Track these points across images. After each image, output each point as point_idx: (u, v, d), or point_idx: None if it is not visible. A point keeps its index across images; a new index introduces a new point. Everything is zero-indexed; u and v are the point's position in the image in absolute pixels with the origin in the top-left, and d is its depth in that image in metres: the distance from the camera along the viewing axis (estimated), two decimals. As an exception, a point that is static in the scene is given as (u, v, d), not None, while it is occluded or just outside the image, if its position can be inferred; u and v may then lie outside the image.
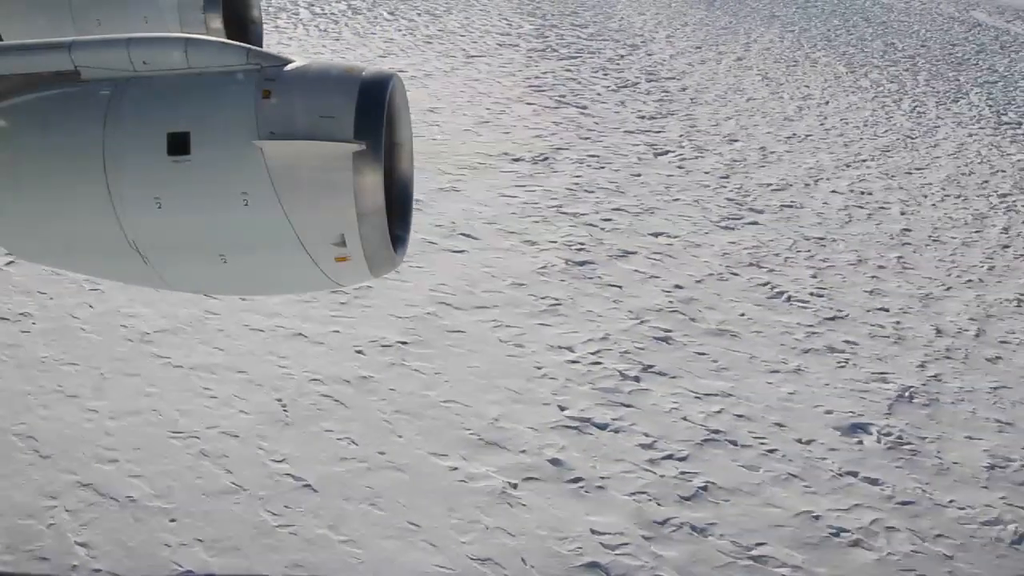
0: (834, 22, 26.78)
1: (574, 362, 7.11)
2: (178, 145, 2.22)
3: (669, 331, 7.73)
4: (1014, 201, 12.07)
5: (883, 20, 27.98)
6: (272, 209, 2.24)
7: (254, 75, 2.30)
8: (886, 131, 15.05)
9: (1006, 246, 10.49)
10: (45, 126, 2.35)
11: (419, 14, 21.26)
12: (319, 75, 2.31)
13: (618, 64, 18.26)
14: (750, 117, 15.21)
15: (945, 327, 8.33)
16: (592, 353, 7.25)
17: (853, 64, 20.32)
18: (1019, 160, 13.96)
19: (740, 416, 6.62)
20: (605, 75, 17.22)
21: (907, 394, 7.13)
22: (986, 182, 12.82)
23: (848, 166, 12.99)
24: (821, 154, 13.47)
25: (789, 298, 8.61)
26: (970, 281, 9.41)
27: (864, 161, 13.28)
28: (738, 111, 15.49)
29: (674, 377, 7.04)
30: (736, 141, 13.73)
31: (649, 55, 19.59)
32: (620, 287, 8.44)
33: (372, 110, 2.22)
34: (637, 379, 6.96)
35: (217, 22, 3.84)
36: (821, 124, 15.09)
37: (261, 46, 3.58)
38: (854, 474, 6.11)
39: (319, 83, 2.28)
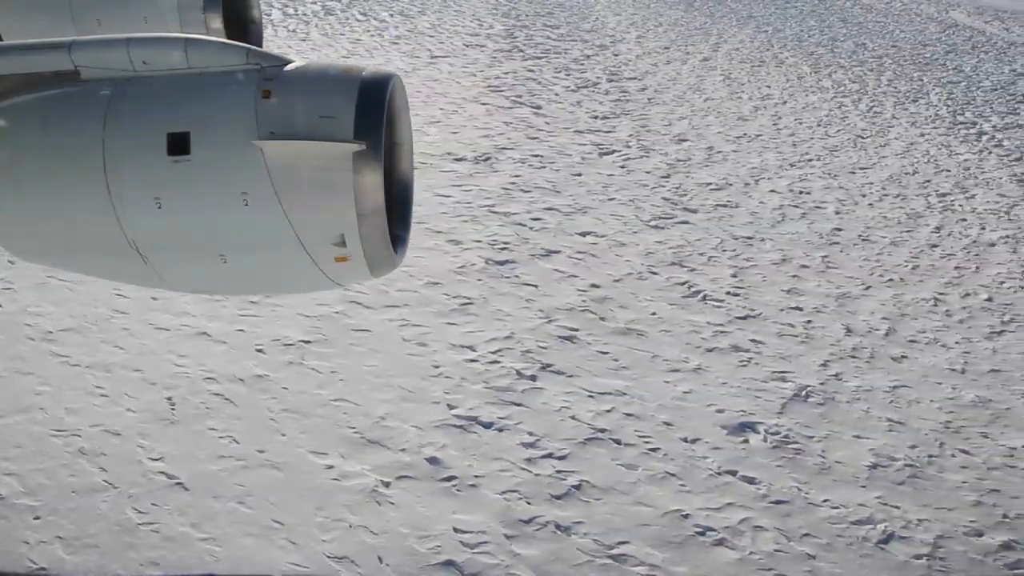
0: (810, 23, 26.64)
1: (473, 361, 7.07)
2: (178, 145, 2.21)
3: (576, 330, 7.69)
4: (952, 200, 11.99)
5: (860, 21, 27.84)
6: (272, 209, 2.22)
7: (254, 75, 2.28)
8: (838, 131, 14.96)
9: (935, 245, 10.41)
10: (45, 126, 2.33)
11: (391, 15, 21.22)
12: (319, 75, 2.29)
13: (582, 64, 18.19)
14: (704, 117, 15.14)
15: (856, 326, 8.28)
16: (493, 352, 7.21)
17: (819, 64, 20.22)
18: (966, 160, 13.87)
19: (629, 415, 6.58)
20: (567, 75, 17.16)
21: (803, 393, 7.07)
22: (928, 181, 12.74)
23: (792, 166, 12.92)
24: (768, 154, 13.40)
25: (704, 297, 8.56)
26: (891, 280, 9.35)
27: (810, 161, 13.21)
28: (693, 111, 15.43)
29: (571, 376, 7.00)
30: (685, 141, 13.67)
31: (615, 55, 19.52)
32: (536, 286, 8.40)
33: (372, 110, 2.20)
34: (533, 378, 6.92)
35: (217, 22, 3.83)
36: (774, 124, 15.01)
37: (261, 46, 3.56)
38: (732, 473, 6.06)
39: (319, 83, 2.27)
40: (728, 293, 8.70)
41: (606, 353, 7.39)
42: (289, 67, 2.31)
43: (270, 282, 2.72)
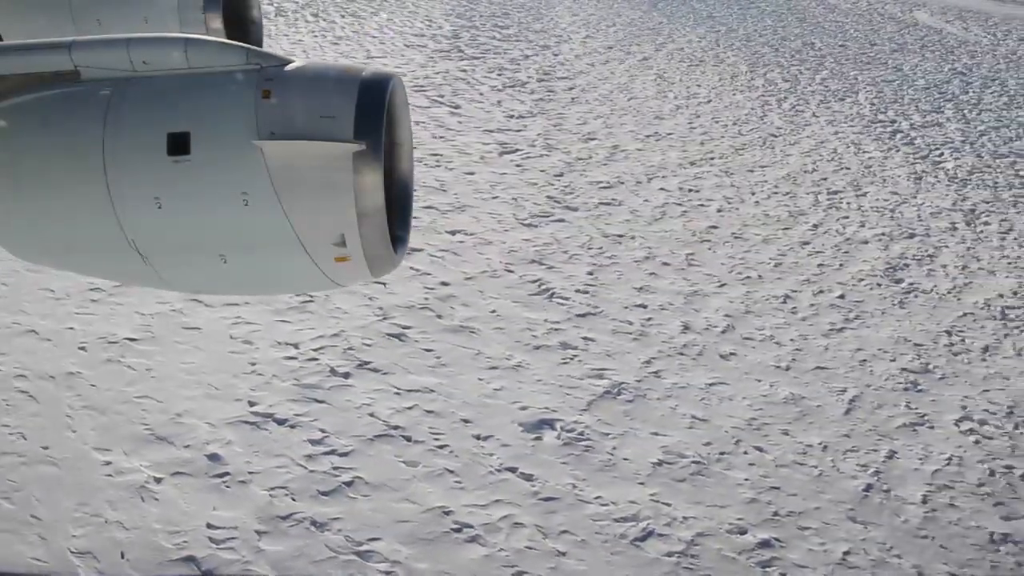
0: (767, 22, 26.41)
1: (291, 359, 7.02)
2: (178, 145, 2.18)
3: (407, 328, 7.63)
4: (842, 198, 11.85)
5: (818, 20, 27.58)
6: (272, 209, 2.19)
7: (254, 75, 2.24)
8: (752, 130, 14.82)
9: (806, 243, 10.29)
10: (45, 126, 2.30)
11: (343, 16, 21.13)
12: (319, 75, 2.25)
13: (518, 64, 18.08)
14: (622, 116, 15.01)
15: (696, 324, 8.18)
16: (314, 350, 7.16)
17: (757, 63, 20.03)
18: (871, 158, 13.71)
19: (430, 412, 6.52)
20: (499, 75, 17.05)
21: (615, 391, 6.99)
22: (824, 179, 12.60)
23: (692, 164, 12.79)
24: (672, 152, 13.27)
25: (552, 295, 8.48)
26: (748, 278, 9.24)
27: (712, 159, 13.08)
28: (613, 111, 15.30)
29: (385, 374, 6.94)
30: (593, 140, 13.56)
31: (555, 55, 19.39)
32: (384, 284, 8.33)
33: (372, 110, 2.17)
34: (346, 375, 6.87)
35: (217, 22, 3.77)
36: (689, 123, 14.87)
37: (261, 46, 3.52)
38: (512, 470, 6.00)
39: (319, 83, 2.23)
40: (577, 291, 8.61)
41: (430, 351, 7.33)
42: (289, 67, 2.27)
43: (270, 282, 2.66)
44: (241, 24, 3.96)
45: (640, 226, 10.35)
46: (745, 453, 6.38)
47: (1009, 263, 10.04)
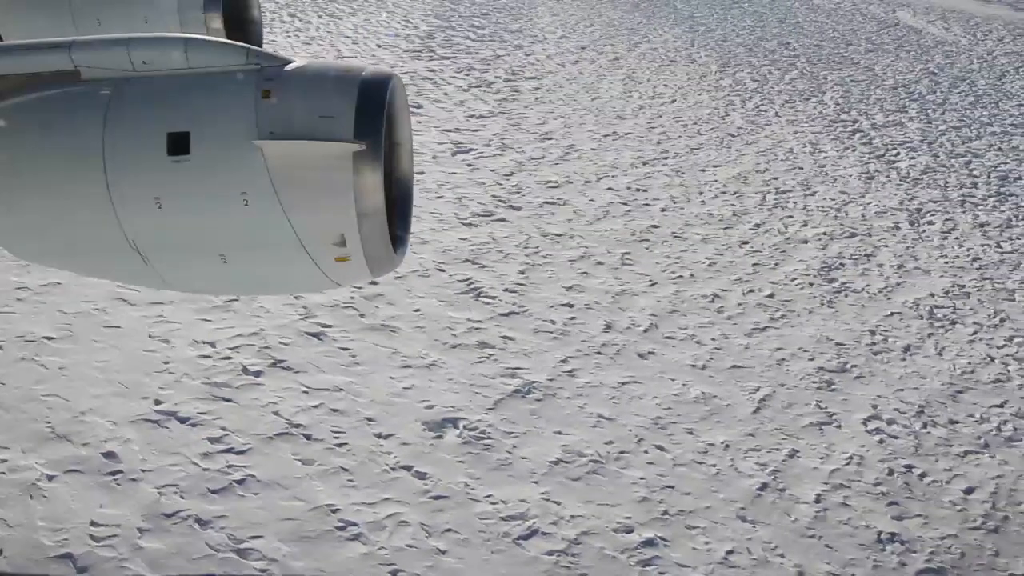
0: (747, 22, 26.30)
1: (206, 357, 7.00)
2: (178, 145, 2.16)
3: (328, 326, 7.60)
4: (789, 198, 11.79)
5: (799, 21, 27.44)
6: (272, 209, 2.17)
7: (254, 75, 2.23)
8: (711, 129, 14.76)
9: (745, 242, 10.24)
10: (45, 126, 2.28)
11: (320, 16, 21.09)
12: (319, 75, 2.24)
13: (488, 65, 18.03)
14: (583, 116, 14.96)
15: (619, 323, 8.15)
16: (231, 349, 7.14)
17: (728, 63, 19.95)
18: (826, 158, 13.64)
19: (335, 411, 6.49)
20: (466, 75, 17.00)
21: (526, 389, 6.96)
22: (775, 179, 12.54)
23: (645, 163, 12.74)
24: (627, 152, 13.22)
25: (479, 294, 8.45)
26: (680, 277, 9.20)
27: (665, 159, 13.03)
28: (575, 111, 15.25)
29: (298, 372, 6.92)
30: (549, 140, 13.51)
31: (527, 55, 19.33)
32: (312, 283, 8.29)
33: (372, 110, 2.16)
34: (258, 374, 6.85)
35: (217, 22, 3.76)
36: (649, 123, 14.82)
37: (261, 46, 3.52)
38: (408, 468, 5.98)
39: (319, 83, 2.22)
40: (506, 290, 8.58)
41: (347, 349, 7.30)
42: (289, 67, 2.25)
43: (270, 282, 2.65)
44: (241, 24, 3.95)
45: (580, 225, 10.31)
46: (645, 452, 6.34)
47: (946, 262, 9.97)
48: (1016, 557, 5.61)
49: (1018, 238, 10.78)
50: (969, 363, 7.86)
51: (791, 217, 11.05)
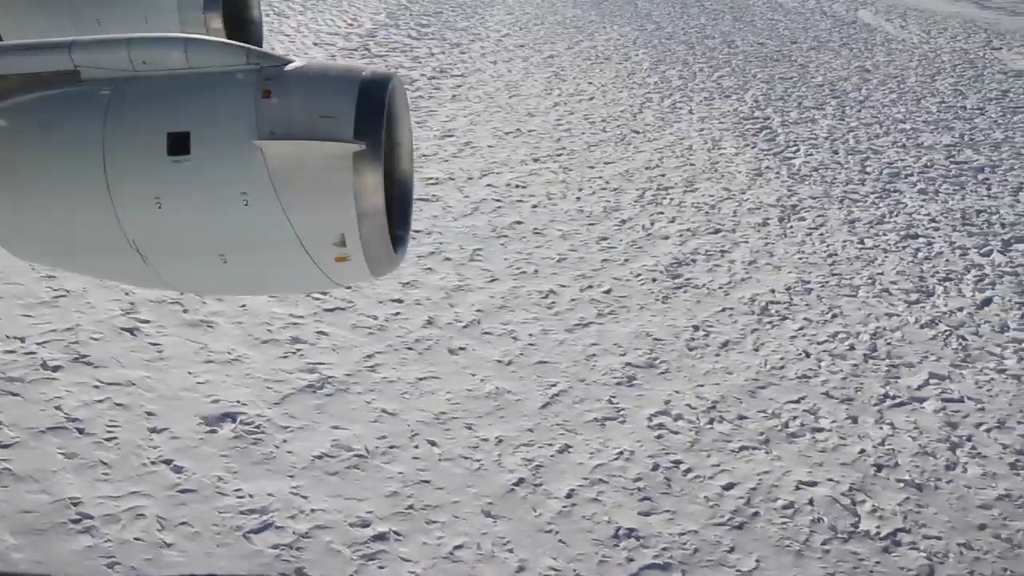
0: (701, 20, 26.05)
1: (10, 352, 6.99)
2: (178, 145, 2.15)
3: (146, 322, 7.57)
4: (669, 195, 11.66)
5: (753, 19, 27.15)
6: (272, 209, 2.16)
7: (254, 75, 2.21)
8: (619, 126, 14.62)
9: (604, 238, 10.13)
10: (45, 126, 2.26)
11: (267, 14, 21.00)
12: (319, 75, 2.22)
13: (418, 63, 17.93)
14: (494, 114, 14.86)
15: (442, 319, 8.07)
16: (38, 344, 7.11)
17: (662, 60, 19.77)
18: (722, 155, 13.49)
19: (119, 405, 6.46)
20: (393, 73, 16.87)
21: (320, 384, 6.91)
22: (663, 175, 12.40)
23: (536, 160, 12.64)
24: (522, 149, 13.12)
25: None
26: (523, 273, 9.11)
27: (559, 156, 12.91)
28: (488, 108, 15.14)
29: (98, 367, 6.89)
30: (449, 137, 13.42)
31: (462, 53, 19.22)
32: (148, 279, 8.26)
33: (372, 110, 2.14)
34: (56, 369, 6.82)
35: (217, 22, 3.73)
36: (558, 120, 14.69)
37: (261, 46, 3.51)
38: (168, 462, 5.95)
39: (319, 83, 2.20)
40: (341, 286, 8.50)
41: (156, 345, 7.27)
42: (289, 67, 2.23)
43: (270, 282, 2.62)
44: (241, 24, 3.91)
45: (445, 222, 10.23)
46: (416, 447, 6.28)
47: (801, 259, 9.84)
48: (750, 553, 5.52)
49: (884, 235, 10.62)
50: (782, 359, 7.75)
51: (662, 213, 10.92)
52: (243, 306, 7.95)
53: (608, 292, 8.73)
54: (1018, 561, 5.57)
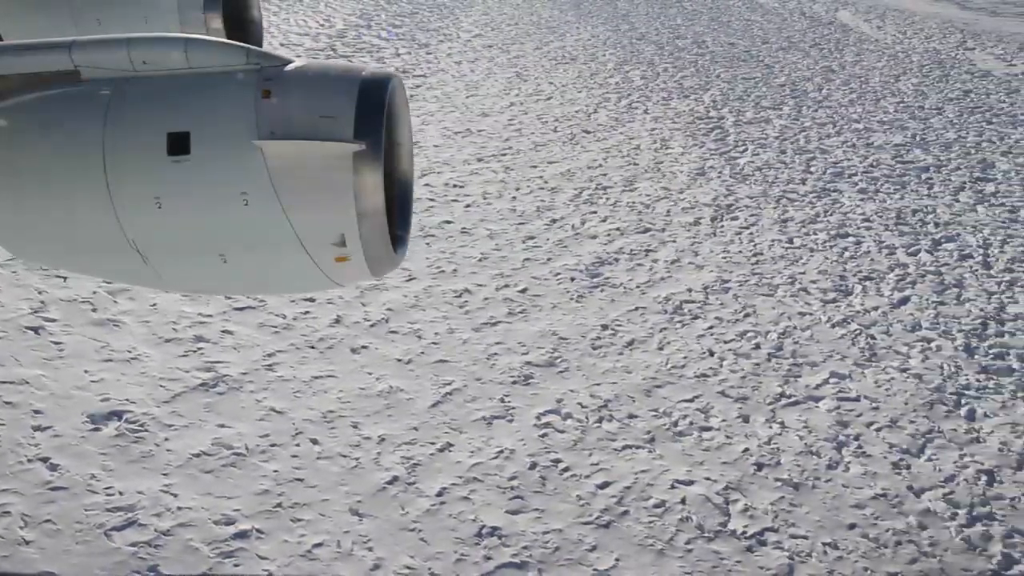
0: (677, 21, 25.93)
1: (-89, 350, 6.97)
2: (178, 145, 2.13)
3: (53, 320, 7.57)
4: (606, 194, 11.61)
5: (730, 19, 27.01)
6: (272, 209, 2.14)
7: (254, 75, 2.19)
8: (571, 126, 14.56)
9: (531, 237, 10.08)
10: (45, 126, 2.25)
11: (240, 18, 20.97)
12: (319, 75, 2.20)
13: (383, 63, 17.87)
14: (448, 113, 14.81)
15: (350, 317, 8.05)
16: (-60, 342, 7.10)
17: (628, 61, 19.69)
18: (668, 154, 13.41)
19: (8, 404, 6.46)
20: (354, 74, 16.84)
21: (214, 382, 6.89)
22: (604, 175, 12.34)
23: (480, 160, 12.59)
24: (469, 148, 13.07)
25: (227, 289, 8.35)
26: (442, 272, 9.08)
27: (503, 155, 12.86)
28: (442, 108, 15.10)
29: (-4, 365, 6.88)
30: (398, 137, 13.34)
31: (428, 54, 19.18)
32: (64, 278, 8.27)
33: (372, 110, 2.12)
34: (-48, 367, 6.81)
35: (217, 22, 3.73)
36: (509, 120, 14.64)
37: (261, 46, 3.51)
38: (45, 460, 5.94)
39: (319, 83, 2.18)
40: (256, 285, 8.47)
41: (59, 343, 7.26)
42: (289, 67, 2.22)
43: (270, 282, 2.62)
44: (241, 24, 3.90)
45: (374, 221, 10.17)
46: (297, 445, 6.25)
47: (725, 259, 9.77)
48: (611, 552, 5.48)
49: (814, 234, 10.55)
50: (685, 358, 7.69)
51: (595, 213, 10.86)
52: (153, 305, 7.93)
53: (524, 291, 8.68)
54: (880, 561, 5.52)
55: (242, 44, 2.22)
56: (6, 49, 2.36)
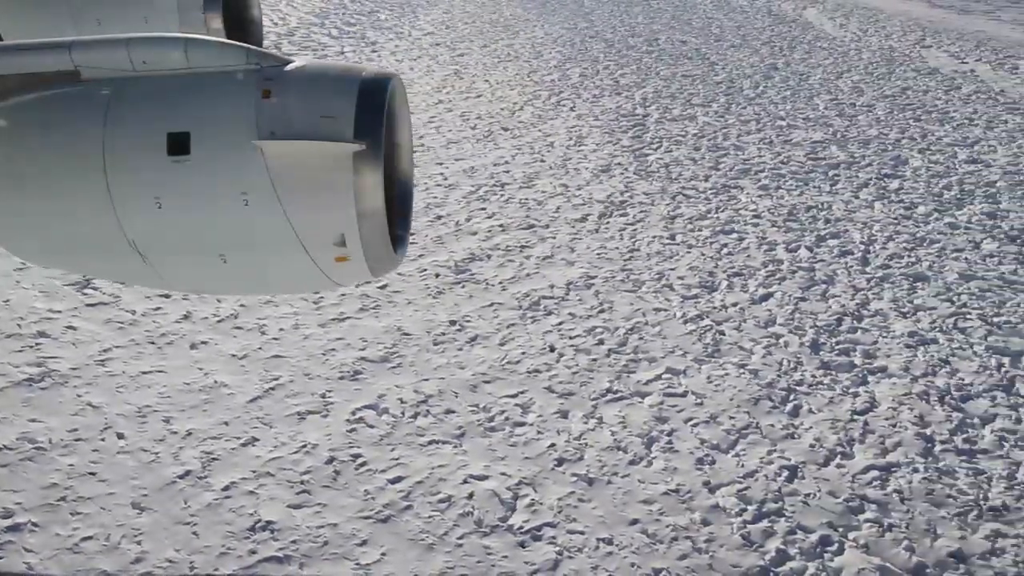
0: (638, 19, 25.74)
1: None
2: (178, 145, 2.13)
3: (-94, 317, 7.55)
4: (502, 191, 11.52)
5: (690, 18, 26.79)
6: (272, 209, 2.14)
7: (254, 75, 2.19)
8: (489, 124, 14.48)
9: (411, 233, 9.99)
10: (45, 126, 2.25)
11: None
12: (319, 75, 2.20)
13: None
14: (371, 112, 14.72)
15: (199, 314, 8.02)
16: None
17: (570, 59, 19.55)
18: (579, 151, 13.31)
19: None
20: (292, 73, 16.80)
21: (39, 378, 6.87)
22: (507, 172, 12.25)
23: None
24: (380, 147, 12.98)
25: (87, 285, 8.35)
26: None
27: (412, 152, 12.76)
28: (368, 106, 15.01)
29: None
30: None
31: (373, 52, 19.11)
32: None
33: (372, 110, 2.11)
34: None
35: (217, 22, 3.72)
36: (431, 118, 14.56)
37: (261, 46, 3.53)
38: None
39: (319, 83, 2.18)
40: (124, 284, 8.46)
41: (-95, 339, 7.25)
42: (289, 67, 2.21)
43: (270, 282, 2.61)
44: (241, 24, 3.88)
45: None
46: (102, 440, 6.23)
47: (599, 255, 9.68)
48: (380, 546, 5.43)
49: (698, 231, 10.44)
50: (523, 354, 7.62)
51: (483, 209, 10.79)
52: (7, 300, 7.92)
53: (383, 288, 8.61)
54: (651, 556, 5.45)
55: (242, 44, 2.20)
56: (6, 49, 2.33)
